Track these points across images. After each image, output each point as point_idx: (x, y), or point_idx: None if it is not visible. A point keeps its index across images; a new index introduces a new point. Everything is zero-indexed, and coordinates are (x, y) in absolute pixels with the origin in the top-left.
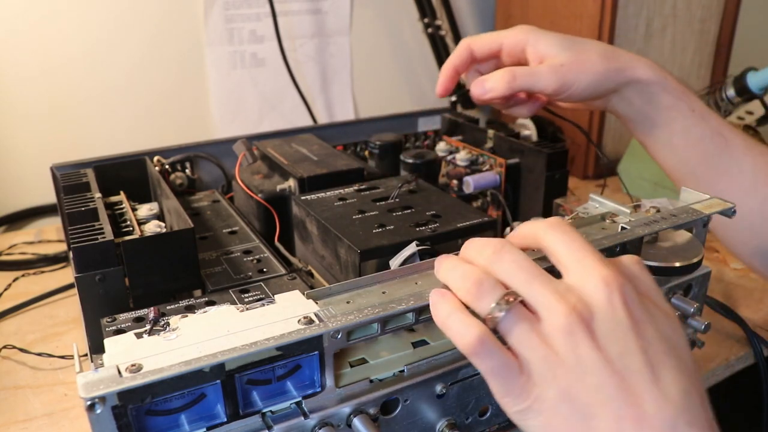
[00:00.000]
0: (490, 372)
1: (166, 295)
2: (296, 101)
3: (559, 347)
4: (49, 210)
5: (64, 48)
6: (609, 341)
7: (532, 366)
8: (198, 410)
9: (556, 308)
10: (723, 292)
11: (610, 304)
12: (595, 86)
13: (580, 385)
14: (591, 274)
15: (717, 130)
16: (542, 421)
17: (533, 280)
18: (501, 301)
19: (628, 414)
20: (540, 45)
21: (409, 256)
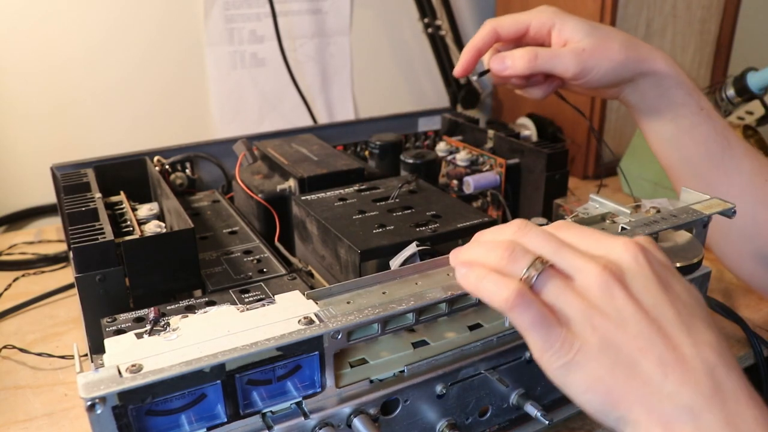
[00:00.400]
0: (530, 325)
1: (166, 295)
2: (296, 101)
3: (595, 299)
4: (49, 210)
5: (64, 48)
6: (642, 294)
7: (572, 318)
8: (198, 410)
9: (588, 267)
10: (723, 293)
11: (636, 263)
12: (614, 74)
13: (621, 333)
14: (614, 243)
15: (721, 131)
16: (587, 373)
17: (561, 247)
18: (535, 262)
19: (670, 357)
20: (566, 29)
21: (409, 257)
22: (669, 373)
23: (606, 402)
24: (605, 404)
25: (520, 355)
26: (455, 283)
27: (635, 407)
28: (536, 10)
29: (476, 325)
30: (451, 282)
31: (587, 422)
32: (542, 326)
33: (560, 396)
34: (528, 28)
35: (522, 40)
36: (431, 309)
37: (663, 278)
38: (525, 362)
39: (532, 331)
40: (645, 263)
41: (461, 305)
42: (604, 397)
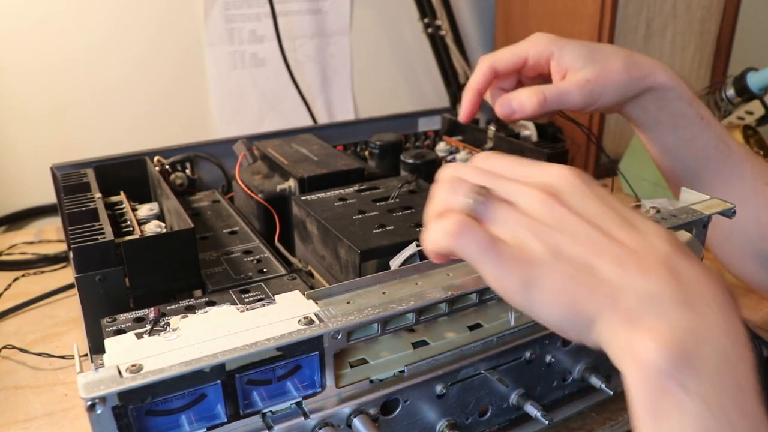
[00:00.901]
0: (477, 251)
1: (166, 295)
2: (296, 101)
3: (540, 216)
4: (49, 210)
5: (64, 48)
6: (582, 207)
7: (519, 236)
8: (198, 410)
9: (525, 190)
10: None
11: (570, 183)
12: (620, 96)
13: (571, 242)
14: (546, 168)
15: (721, 138)
16: (547, 287)
17: (496, 177)
18: (475, 191)
19: (624, 253)
20: (564, 57)
21: (409, 257)
22: (626, 267)
23: (573, 312)
24: (572, 315)
25: (520, 355)
26: (455, 283)
27: (601, 308)
28: (532, 40)
29: (476, 325)
30: (451, 282)
31: (587, 422)
32: (490, 249)
33: (560, 396)
34: (526, 60)
35: (520, 72)
36: (431, 309)
37: (596, 192)
38: (525, 362)
39: (481, 257)
40: (579, 181)
41: (461, 305)
42: (570, 308)
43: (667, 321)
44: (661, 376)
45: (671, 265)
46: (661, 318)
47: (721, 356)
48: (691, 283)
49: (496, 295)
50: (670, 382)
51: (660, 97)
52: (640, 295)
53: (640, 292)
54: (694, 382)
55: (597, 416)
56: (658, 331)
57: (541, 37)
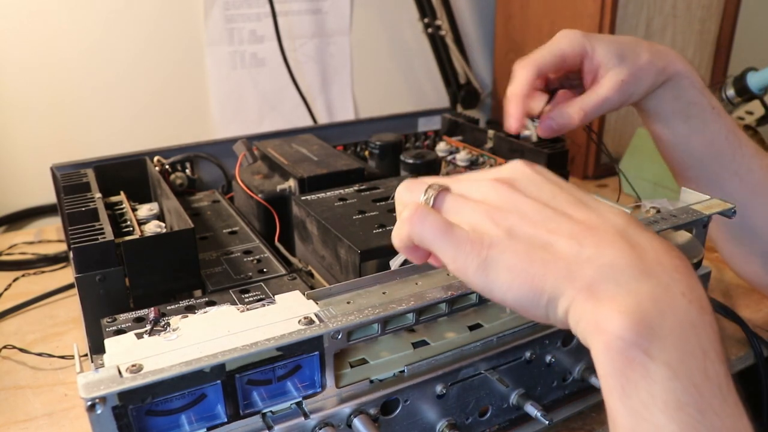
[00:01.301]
0: (434, 234)
1: (166, 295)
2: (296, 101)
3: (493, 201)
4: (49, 210)
5: (64, 48)
6: (536, 193)
7: (474, 221)
8: (198, 410)
9: (480, 183)
10: (723, 293)
11: (523, 172)
12: (648, 90)
13: (525, 222)
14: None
15: (732, 130)
16: (504, 266)
17: (455, 179)
18: (429, 188)
19: (579, 229)
20: (596, 55)
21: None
22: (582, 241)
23: (531, 290)
24: (531, 292)
25: (520, 356)
26: (455, 283)
27: (558, 283)
28: (566, 36)
29: (476, 325)
30: (451, 282)
31: (587, 422)
32: (446, 232)
33: (560, 396)
34: (565, 60)
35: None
36: (431, 309)
37: (551, 180)
38: (525, 362)
39: (437, 241)
40: (531, 171)
41: (461, 305)
42: (528, 286)
43: (628, 290)
44: (626, 345)
45: (628, 237)
46: (622, 287)
47: (684, 323)
48: (649, 253)
49: None
50: (635, 351)
51: (676, 85)
52: (599, 267)
53: (598, 264)
54: (659, 349)
55: (597, 416)
56: (620, 301)
57: (574, 35)
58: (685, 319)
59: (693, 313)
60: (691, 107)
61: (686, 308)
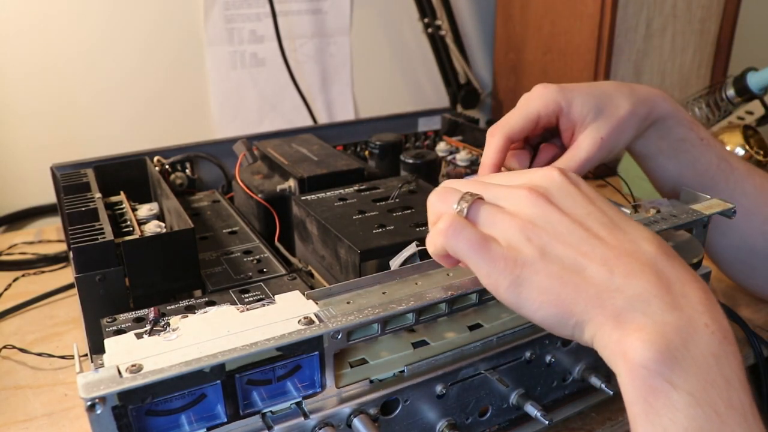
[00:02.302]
0: (468, 249)
1: (166, 295)
2: (296, 101)
3: (528, 216)
4: (49, 210)
5: (64, 48)
6: (571, 208)
7: (509, 236)
8: (198, 410)
9: (514, 192)
10: (723, 293)
11: (559, 183)
12: (631, 140)
13: (558, 243)
14: (534, 172)
15: (723, 156)
16: (535, 286)
17: (487, 185)
18: (464, 197)
19: (611, 255)
20: (573, 112)
21: (409, 257)
22: (614, 269)
23: (560, 312)
24: (560, 314)
25: (520, 356)
26: (455, 283)
27: (588, 308)
28: (539, 97)
29: (476, 325)
30: (451, 282)
31: (587, 422)
32: (481, 247)
33: (560, 396)
34: (538, 122)
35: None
36: (431, 309)
37: (586, 192)
38: (525, 362)
39: (472, 255)
40: (566, 182)
41: (461, 305)
42: (557, 308)
43: (654, 321)
44: (650, 374)
45: (657, 268)
46: (648, 318)
47: (707, 353)
48: (676, 285)
49: None
50: (658, 380)
51: (662, 126)
52: (628, 297)
53: (627, 294)
54: (682, 379)
55: (597, 416)
56: (645, 331)
57: (548, 93)
58: (707, 349)
59: (715, 344)
60: (679, 144)
61: (709, 339)
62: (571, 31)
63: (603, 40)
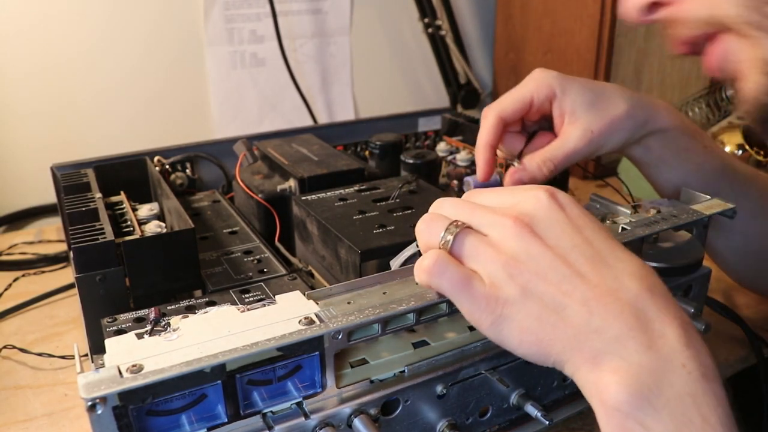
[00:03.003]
0: (452, 287)
1: (166, 295)
2: (296, 101)
3: (511, 251)
4: (49, 210)
5: (64, 48)
6: (556, 239)
7: (492, 273)
8: (199, 411)
9: (499, 221)
10: (723, 293)
11: (547, 209)
12: (623, 142)
13: (540, 281)
14: (523, 193)
15: (726, 162)
16: (516, 325)
17: (474, 209)
18: (449, 227)
19: (592, 295)
20: (566, 101)
21: (409, 257)
22: (593, 309)
23: (539, 351)
24: (539, 353)
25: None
26: None
27: (565, 349)
28: (535, 79)
29: None
30: None
31: (587, 422)
32: (464, 287)
33: (560, 396)
34: (531, 104)
35: (526, 115)
36: (432, 309)
37: (574, 220)
38: (525, 362)
39: (456, 295)
40: (555, 208)
41: None
42: (536, 347)
43: (630, 363)
44: (624, 416)
45: (637, 307)
46: (624, 360)
47: (683, 393)
48: (655, 324)
49: None
50: (630, 421)
51: (662, 136)
52: (605, 339)
53: (604, 336)
54: (655, 421)
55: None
56: (620, 374)
57: (545, 77)
58: (683, 390)
59: (695, 385)
60: (682, 153)
61: (686, 379)
62: (571, 31)
63: (603, 40)
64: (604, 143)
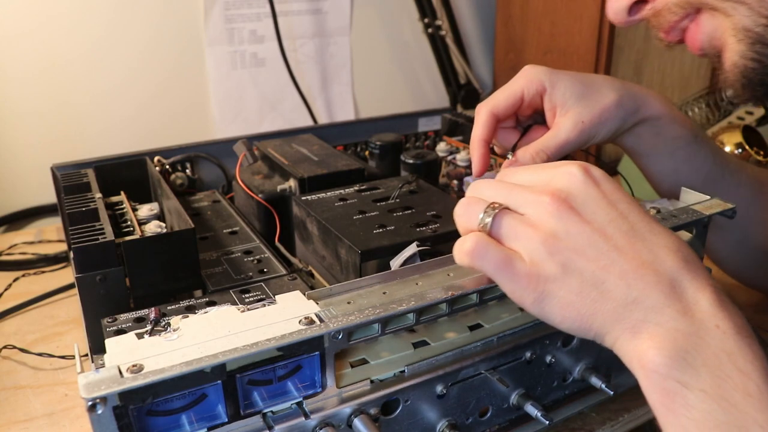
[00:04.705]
0: (494, 268)
1: (166, 295)
2: (296, 101)
3: (549, 228)
4: (49, 210)
5: (64, 48)
6: (593, 215)
7: (532, 251)
8: (199, 411)
9: (537, 199)
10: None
11: (582, 184)
12: (615, 132)
13: (579, 256)
14: (558, 169)
15: (716, 151)
16: (558, 300)
17: (511, 189)
18: (487, 209)
19: (629, 268)
20: (556, 94)
21: (409, 257)
22: (631, 282)
23: (581, 325)
24: (581, 327)
25: (521, 356)
26: (455, 284)
27: (605, 322)
28: (525, 75)
29: (476, 325)
30: (452, 282)
31: (587, 422)
32: (506, 267)
33: (560, 396)
34: (522, 99)
35: (519, 111)
36: (432, 309)
37: (608, 195)
38: (525, 362)
39: (498, 275)
40: (590, 183)
41: (461, 305)
42: (578, 321)
43: (667, 329)
44: (663, 378)
45: (672, 277)
46: (661, 327)
47: (719, 351)
48: (689, 292)
49: (496, 295)
50: (670, 381)
51: (653, 125)
52: (643, 309)
53: (642, 306)
54: (694, 378)
55: (597, 416)
56: (657, 339)
57: (534, 72)
58: (718, 348)
59: (727, 341)
60: (674, 141)
61: (720, 338)
62: (571, 31)
63: (603, 40)
64: (595, 133)
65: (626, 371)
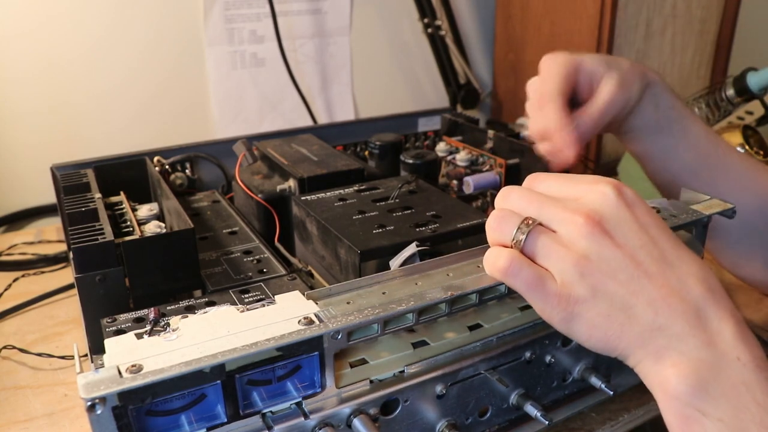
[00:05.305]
0: (526, 287)
1: (166, 295)
2: (296, 101)
3: (582, 250)
4: (49, 210)
5: (64, 48)
6: (624, 238)
7: (564, 271)
8: (198, 411)
9: (570, 219)
10: None
11: (615, 207)
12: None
13: (610, 280)
14: (591, 187)
15: (707, 129)
16: (586, 321)
17: (543, 203)
18: (521, 226)
19: (658, 295)
20: (586, 65)
21: (409, 257)
22: (659, 309)
23: (606, 345)
24: (606, 347)
25: (520, 356)
26: (455, 284)
27: (630, 346)
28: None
29: (476, 325)
30: (451, 282)
31: (587, 422)
32: (537, 286)
33: (560, 396)
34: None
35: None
36: (431, 309)
37: (640, 218)
38: (525, 362)
39: (529, 293)
40: (623, 205)
41: (461, 305)
42: (604, 342)
43: (689, 358)
44: (683, 405)
45: (698, 307)
46: (684, 356)
47: (738, 383)
48: (713, 323)
49: (496, 295)
50: (689, 409)
51: (653, 92)
52: (668, 336)
53: (667, 333)
54: (712, 407)
55: (597, 416)
56: (680, 367)
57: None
58: (738, 379)
59: (747, 374)
60: (670, 112)
61: (740, 370)
62: (571, 31)
63: (603, 40)
64: (629, 95)
65: (626, 371)
